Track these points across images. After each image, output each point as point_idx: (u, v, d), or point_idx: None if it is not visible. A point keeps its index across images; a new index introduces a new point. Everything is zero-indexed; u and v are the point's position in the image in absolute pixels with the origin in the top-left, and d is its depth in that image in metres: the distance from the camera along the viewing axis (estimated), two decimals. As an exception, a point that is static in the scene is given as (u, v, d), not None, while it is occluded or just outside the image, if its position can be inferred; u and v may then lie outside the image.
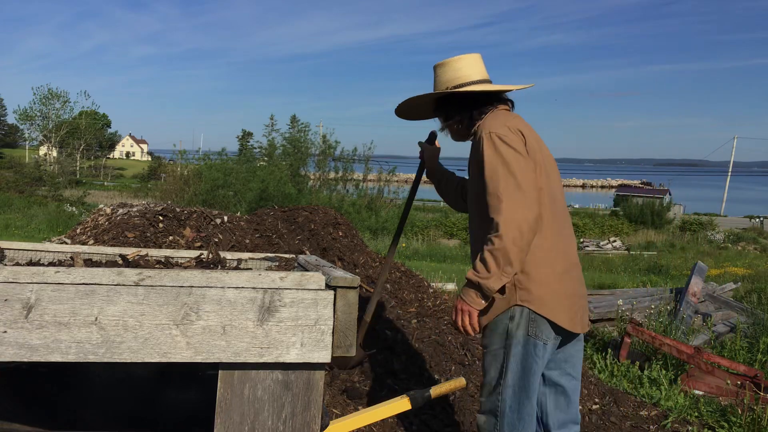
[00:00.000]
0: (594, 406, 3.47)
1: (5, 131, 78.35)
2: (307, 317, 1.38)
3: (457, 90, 2.08)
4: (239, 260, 1.95)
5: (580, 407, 3.42)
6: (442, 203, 4.75)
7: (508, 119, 1.99)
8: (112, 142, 74.83)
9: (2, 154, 56.88)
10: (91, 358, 1.28)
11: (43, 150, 48.29)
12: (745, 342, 4.91)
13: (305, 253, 3.57)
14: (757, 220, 34.49)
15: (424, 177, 2.55)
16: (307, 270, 1.64)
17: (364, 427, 2.59)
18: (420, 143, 2.48)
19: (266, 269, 1.85)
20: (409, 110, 2.31)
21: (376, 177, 20.11)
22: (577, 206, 46.33)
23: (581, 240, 22.62)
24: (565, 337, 1.99)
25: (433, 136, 2.47)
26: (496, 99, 2.11)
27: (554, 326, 1.92)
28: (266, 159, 19.50)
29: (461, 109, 2.12)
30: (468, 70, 2.09)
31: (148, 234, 3.48)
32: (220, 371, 1.38)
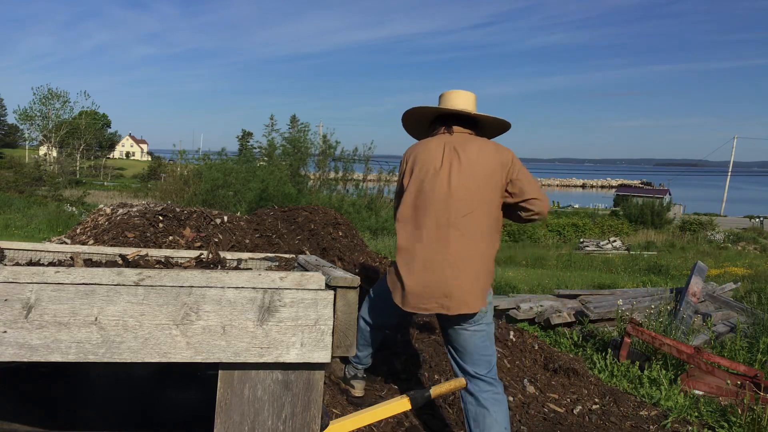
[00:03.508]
0: (594, 406, 3.47)
1: (5, 131, 78.31)
2: (307, 317, 1.38)
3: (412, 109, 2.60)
4: (239, 260, 1.96)
5: (580, 407, 3.42)
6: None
7: (416, 145, 2.55)
8: (112, 142, 74.80)
9: (2, 154, 56.85)
10: (91, 358, 1.28)
11: (43, 150, 48.30)
12: (745, 342, 4.90)
13: (305, 253, 3.57)
14: (757, 220, 34.49)
15: None
16: (307, 270, 1.64)
17: (364, 427, 2.59)
18: None
19: (266, 269, 1.85)
20: (412, 123, 2.70)
21: (376, 177, 20.11)
22: (577, 206, 46.33)
23: (581, 240, 22.57)
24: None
25: None
26: (445, 122, 2.52)
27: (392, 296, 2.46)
28: (266, 159, 19.48)
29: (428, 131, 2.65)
30: (454, 100, 2.52)
31: (148, 234, 3.48)
32: (220, 371, 1.38)
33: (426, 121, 2.65)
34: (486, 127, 2.59)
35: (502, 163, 2.38)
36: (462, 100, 2.53)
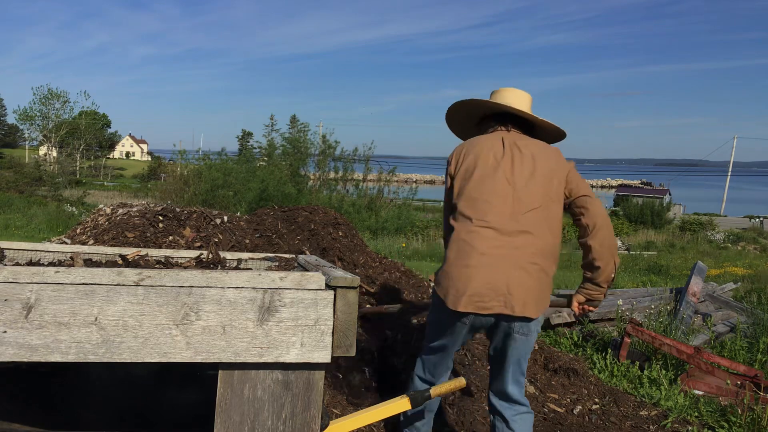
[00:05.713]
0: (594, 406, 3.47)
1: (5, 131, 78.36)
2: (307, 317, 1.38)
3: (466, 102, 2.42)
4: (239, 260, 1.96)
5: (580, 407, 3.42)
6: (441, 203, 4.98)
7: (468, 142, 2.37)
8: (112, 142, 74.81)
9: (2, 154, 56.79)
10: (91, 358, 1.28)
11: (43, 150, 48.34)
12: (745, 342, 4.90)
13: (305, 253, 3.58)
14: (757, 220, 34.49)
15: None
16: (307, 270, 1.64)
17: (364, 427, 2.59)
18: None
19: (266, 269, 1.85)
20: (459, 120, 2.55)
21: (376, 177, 20.10)
22: (577, 206, 46.31)
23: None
24: (464, 315, 2.18)
25: None
26: (501, 121, 2.37)
27: (446, 303, 2.18)
28: (266, 159, 19.48)
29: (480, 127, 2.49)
30: (511, 98, 2.36)
31: (148, 234, 3.48)
32: (220, 371, 1.38)
33: (474, 118, 2.50)
34: (541, 133, 2.43)
35: (563, 165, 2.26)
36: (519, 100, 2.36)
